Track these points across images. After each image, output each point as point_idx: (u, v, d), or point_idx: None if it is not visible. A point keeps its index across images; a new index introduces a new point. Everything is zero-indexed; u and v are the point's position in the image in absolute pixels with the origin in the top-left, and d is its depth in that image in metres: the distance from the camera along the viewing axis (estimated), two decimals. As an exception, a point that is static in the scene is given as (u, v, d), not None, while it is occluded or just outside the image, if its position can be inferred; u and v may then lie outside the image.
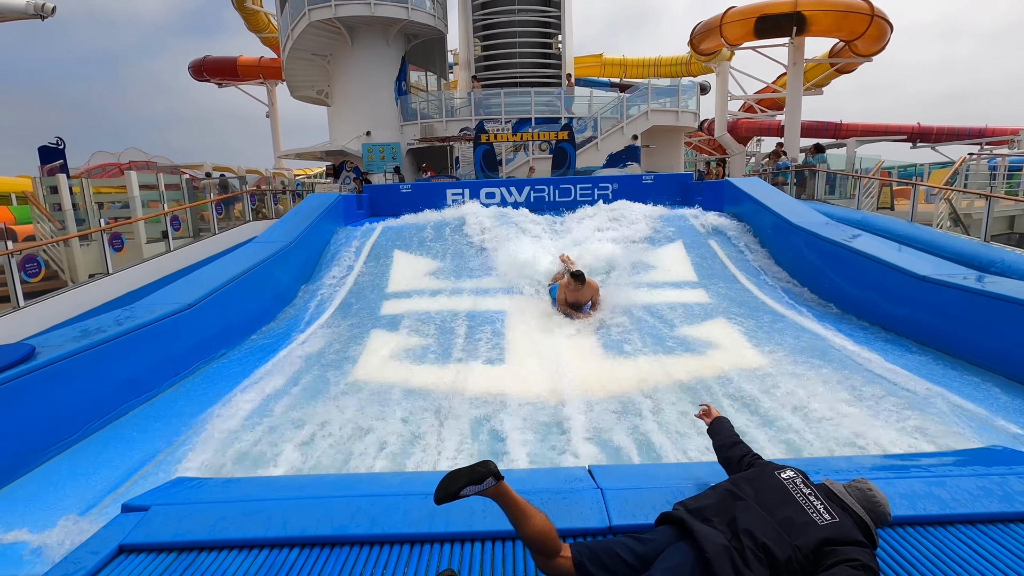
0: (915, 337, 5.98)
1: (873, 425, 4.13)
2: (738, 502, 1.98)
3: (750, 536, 1.84)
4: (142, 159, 24.07)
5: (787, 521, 1.88)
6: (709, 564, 1.79)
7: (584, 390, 4.97)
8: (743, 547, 1.82)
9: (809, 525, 1.85)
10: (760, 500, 1.98)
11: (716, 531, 1.89)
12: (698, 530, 1.89)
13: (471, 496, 2.03)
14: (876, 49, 21.20)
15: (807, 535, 1.83)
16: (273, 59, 30.58)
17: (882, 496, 2.04)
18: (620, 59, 34.06)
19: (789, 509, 1.92)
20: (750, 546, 1.81)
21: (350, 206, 11.51)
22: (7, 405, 3.69)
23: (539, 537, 2.03)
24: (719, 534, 1.88)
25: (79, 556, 2.43)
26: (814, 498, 1.95)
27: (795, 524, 1.86)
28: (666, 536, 1.97)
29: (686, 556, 1.84)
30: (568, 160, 14.79)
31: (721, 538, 1.85)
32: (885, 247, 7.05)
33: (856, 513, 1.94)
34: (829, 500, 1.97)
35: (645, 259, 8.73)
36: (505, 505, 2.09)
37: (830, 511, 1.90)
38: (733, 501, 1.99)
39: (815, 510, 1.90)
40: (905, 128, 26.59)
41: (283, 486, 3.23)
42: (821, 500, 1.94)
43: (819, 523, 1.86)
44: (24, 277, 6.45)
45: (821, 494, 1.99)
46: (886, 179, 11.92)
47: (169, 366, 5.40)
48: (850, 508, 1.96)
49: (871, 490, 2.03)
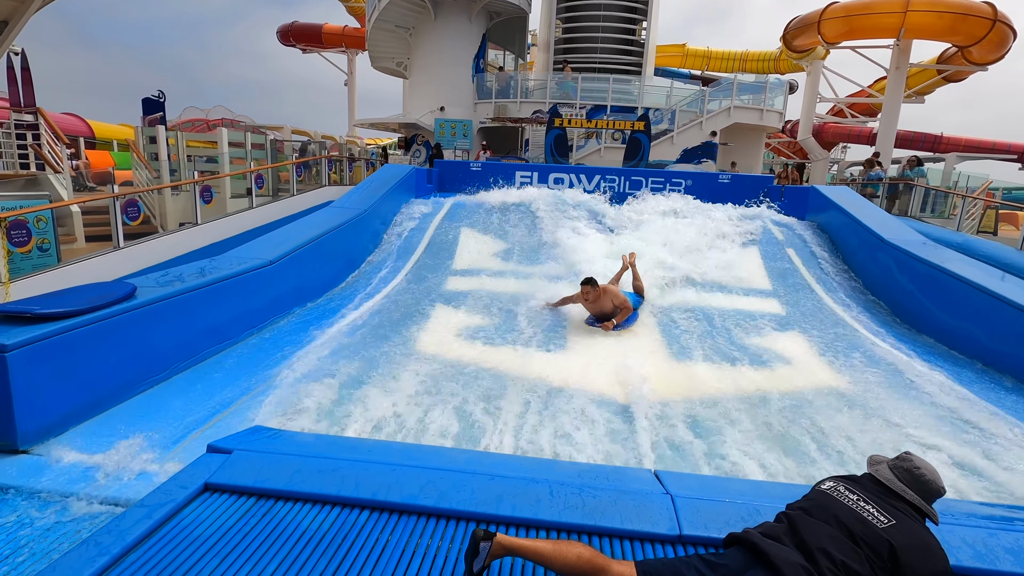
0: (1019, 377, 5.47)
1: (969, 467, 3.83)
2: (801, 522, 1.90)
3: (826, 555, 1.75)
4: (229, 117, 25.29)
5: (849, 533, 1.80)
6: None
7: (646, 390, 4.86)
8: (821, 568, 1.73)
9: (870, 532, 1.77)
10: (819, 517, 1.90)
11: (792, 550, 1.80)
12: (774, 553, 1.80)
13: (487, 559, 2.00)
14: (994, 57, 19.38)
15: (872, 542, 1.75)
16: (356, 28, 31.28)
17: (930, 470, 1.91)
18: (704, 51, 32.75)
19: (846, 520, 1.83)
20: (828, 566, 1.73)
21: (421, 179, 11.68)
22: (110, 339, 3.97)
23: (573, 571, 1.96)
24: (796, 553, 1.79)
25: (170, 488, 2.59)
26: (864, 502, 1.87)
27: (856, 534, 1.78)
28: (738, 562, 1.87)
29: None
30: (642, 152, 14.40)
31: (799, 558, 1.77)
32: (988, 275, 6.47)
33: (909, 500, 1.86)
34: (879, 497, 1.89)
35: (718, 262, 8.41)
36: (523, 555, 2.03)
37: (884, 512, 1.82)
38: (796, 522, 1.91)
39: (870, 514, 1.82)
40: (1016, 147, 24.33)
41: (353, 447, 3.33)
42: (871, 502, 1.87)
43: (879, 527, 1.78)
44: (125, 220, 6.93)
45: (869, 494, 1.91)
46: (992, 200, 10.95)
47: (247, 318, 5.67)
48: (903, 496, 1.87)
49: (918, 468, 1.90)
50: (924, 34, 18.87)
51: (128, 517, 2.35)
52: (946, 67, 21.43)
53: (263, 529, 2.36)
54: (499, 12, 20.84)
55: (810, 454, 3.97)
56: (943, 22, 18.14)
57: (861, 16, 19.28)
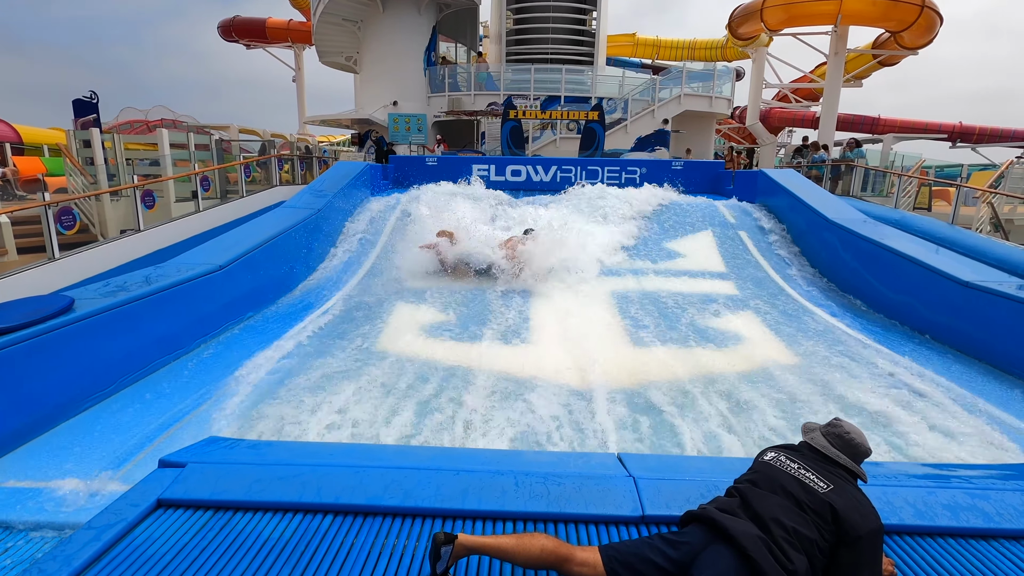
0: (953, 344, 5.82)
1: (908, 431, 4.06)
2: (751, 495, 1.97)
3: (779, 524, 1.82)
4: (169, 117, 24.19)
5: (796, 501, 1.89)
6: (753, 562, 1.75)
7: (609, 377, 4.94)
8: (776, 537, 1.80)
9: (814, 498, 1.89)
10: (767, 488, 1.98)
11: (748, 523, 1.87)
12: (733, 527, 1.85)
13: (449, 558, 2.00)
14: (923, 42, 20.39)
15: (817, 507, 1.86)
16: (302, 23, 30.33)
17: (857, 434, 2.06)
18: (653, 40, 33.23)
19: (791, 488, 1.93)
20: (782, 534, 1.80)
21: (376, 176, 11.47)
22: (48, 355, 3.76)
23: (538, 563, 1.99)
24: (752, 525, 1.85)
25: (120, 507, 2.48)
26: (804, 470, 1.99)
27: (802, 501, 1.88)
28: (698, 538, 1.92)
29: (728, 562, 1.79)
30: (597, 141, 14.54)
31: (755, 530, 1.83)
32: (924, 249, 6.84)
33: (842, 464, 2.00)
34: (816, 463, 2.01)
35: (672, 247, 8.60)
36: (487, 553, 2.04)
37: (823, 477, 1.94)
38: (747, 495, 1.98)
39: (811, 481, 1.94)
40: (946, 127, 25.73)
41: (313, 452, 3.27)
42: (810, 469, 1.98)
43: (821, 492, 1.89)
44: (60, 229, 6.55)
45: (807, 461, 2.03)
46: (926, 179, 11.55)
47: (199, 326, 5.46)
48: (836, 461, 2.01)
49: (848, 433, 2.05)
50: (859, 20, 19.68)
51: (74, 541, 2.24)
52: (881, 52, 22.41)
53: (221, 543, 2.29)
54: (448, 4, 20.58)
55: (767, 422, 4.13)
56: (876, 9, 18.97)
57: (800, 4, 19.93)
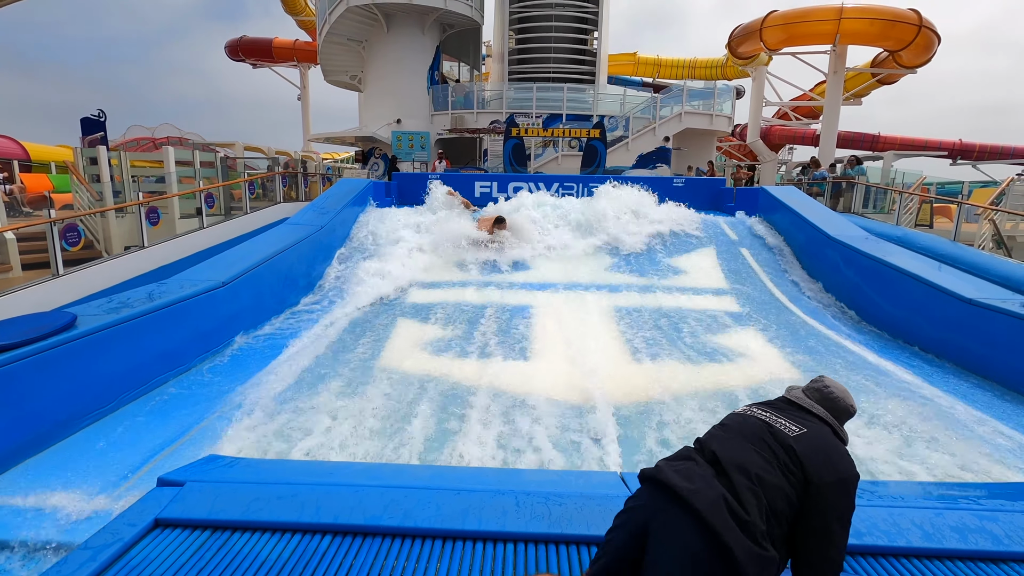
0: (956, 361, 5.78)
1: (913, 449, 4.01)
2: (715, 441, 1.82)
3: (741, 471, 1.66)
4: (176, 135, 24.50)
5: (763, 444, 1.77)
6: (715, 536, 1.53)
7: (611, 393, 4.91)
8: (736, 486, 1.62)
9: (781, 440, 1.77)
10: (733, 434, 1.84)
11: (706, 485, 1.65)
12: (685, 489, 1.64)
13: None
14: (921, 61, 20.61)
15: (783, 450, 1.73)
16: (308, 42, 30.86)
17: (840, 390, 1.95)
18: (654, 59, 33.64)
19: (759, 432, 1.81)
20: (744, 482, 1.63)
21: (379, 193, 11.55)
22: (49, 372, 3.76)
23: None
24: (710, 483, 1.66)
25: (117, 527, 2.46)
26: (776, 416, 1.88)
27: (769, 444, 1.76)
28: (653, 501, 1.71)
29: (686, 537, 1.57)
30: (598, 158, 14.66)
31: (713, 488, 1.63)
32: (927, 266, 6.83)
33: (817, 414, 1.89)
34: (789, 412, 1.91)
35: (674, 263, 8.61)
36: None
37: (795, 422, 1.84)
38: (710, 442, 1.83)
39: (782, 424, 1.84)
40: (946, 144, 25.85)
41: (313, 471, 3.24)
42: (783, 416, 1.88)
43: (790, 435, 1.79)
44: (64, 245, 6.59)
45: (781, 411, 1.92)
46: (927, 196, 11.58)
47: (201, 342, 5.46)
48: (810, 410, 1.90)
49: (828, 387, 1.95)
50: (858, 40, 19.96)
51: (71, 561, 2.22)
52: (879, 70, 22.66)
53: (218, 563, 2.27)
54: (452, 24, 20.91)
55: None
56: (874, 28, 19.25)
57: (799, 23, 20.24)
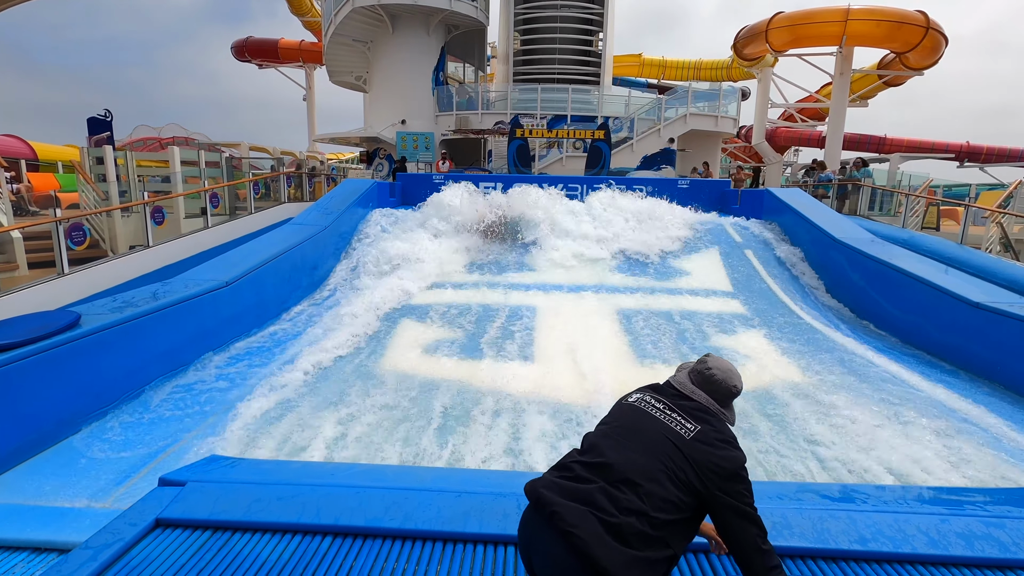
0: (963, 365, 5.72)
1: (916, 451, 3.97)
2: (606, 445, 1.72)
3: (631, 485, 1.58)
4: (182, 135, 24.60)
5: (658, 450, 1.67)
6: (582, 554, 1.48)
7: (616, 395, 4.87)
8: (620, 502, 1.55)
9: (682, 443, 1.68)
10: (625, 435, 1.75)
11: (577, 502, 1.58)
12: (548, 502, 1.59)
13: None
14: (928, 63, 20.48)
15: (691, 453, 1.65)
16: (313, 43, 30.93)
17: (722, 371, 1.85)
18: (659, 60, 33.58)
19: (654, 436, 1.71)
20: (627, 499, 1.55)
21: (383, 193, 11.56)
22: (52, 370, 3.77)
23: None
24: (579, 502, 1.57)
25: (118, 527, 2.46)
26: (669, 411, 1.78)
27: (669, 453, 1.66)
28: (531, 525, 1.64)
29: (557, 551, 1.53)
30: (603, 160, 14.63)
31: (582, 503, 1.56)
32: (933, 269, 6.78)
33: (699, 401, 1.81)
34: (679, 404, 1.81)
35: (678, 265, 8.57)
36: None
37: (689, 419, 1.75)
38: (601, 446, 1.73)
39: (678, 424, 1.74)
40: (953, 146, 25.68)
41: (315, 472, 3.24)
42: (675, 410, 1.78)
43: (687, 437, 1.69)
44: (70, 245, 6.61)
45: (673, 402, 1.82)
46: (934, 198, 11.51)
47: (204, 342, 5.48)
48: (692, 398, 1.82)
49: (710, 369, 1.85)
50: (864, 41, 19.83)
51: (71, 560, 2.22)
52: (886, 72, 22.53)
53: (219, 564, 2.26)
54: (457, 25, 20.92)
55: (775, 447, 4.06)
56: (881, 30, 19.12)
57: (805, 25, 20.13)
